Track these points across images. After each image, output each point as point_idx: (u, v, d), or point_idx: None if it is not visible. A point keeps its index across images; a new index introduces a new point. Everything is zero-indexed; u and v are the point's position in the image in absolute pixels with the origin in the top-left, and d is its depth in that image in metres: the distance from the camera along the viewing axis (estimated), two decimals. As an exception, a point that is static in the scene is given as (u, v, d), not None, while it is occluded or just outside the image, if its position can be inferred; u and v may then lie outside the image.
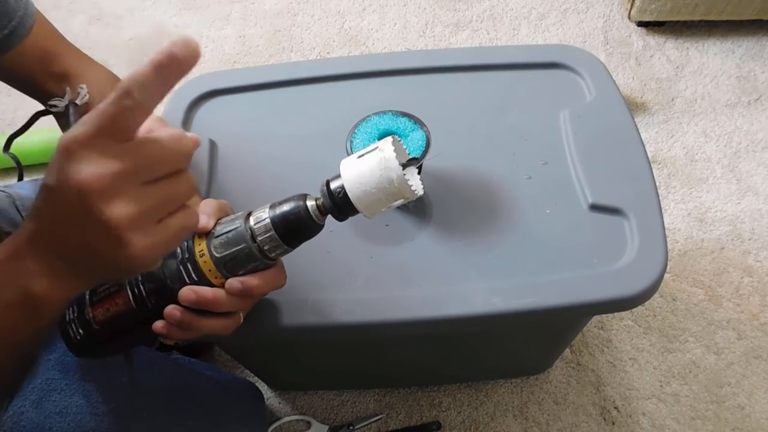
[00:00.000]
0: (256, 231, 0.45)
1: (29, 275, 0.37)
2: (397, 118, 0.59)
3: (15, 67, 0.57)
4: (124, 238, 0.35)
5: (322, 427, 0.90)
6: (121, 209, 0.35)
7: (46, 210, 0.36)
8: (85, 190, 0.34)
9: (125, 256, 0.36)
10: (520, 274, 0.56)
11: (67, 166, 0.34)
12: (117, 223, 0.35)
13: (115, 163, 0.34)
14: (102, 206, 0.34)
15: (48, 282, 0.38)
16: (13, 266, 0.37)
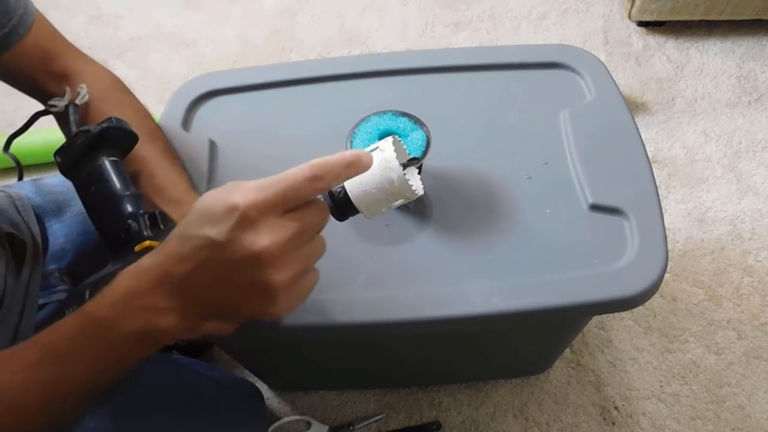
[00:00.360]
0: None
1: (158, 312, 0.39)
2: (397, 118, 0.59)
3: (14, 66, 0.57)
4: (277, 298, 0.39)
5: (322, 427, 0.90)
6: (282, 274, 0.38)
7: (196, 258, 0.38)
8: (260, 258, 0.37)
9: (269, 313, 0.40)
10: (520, 274, 0.56)
11: (245, 231, 0.36)
12: (277, 286, 0.38)
13: (287, 232, 0.37)
14: (270, 272, 0.37)
15: (174, 320, 0.40)
16: (143, 301, 0.39)
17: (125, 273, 0.40)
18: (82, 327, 0.40)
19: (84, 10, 1.53)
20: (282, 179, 0.37)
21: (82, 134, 0.51)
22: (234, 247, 0.37)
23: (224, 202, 0.37)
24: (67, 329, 0.40)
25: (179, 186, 0.57)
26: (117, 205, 0.51)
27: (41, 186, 0.66)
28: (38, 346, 0.40)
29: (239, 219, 0.36)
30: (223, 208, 0.37)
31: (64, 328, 0.40)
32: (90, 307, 0.40)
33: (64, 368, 0.40)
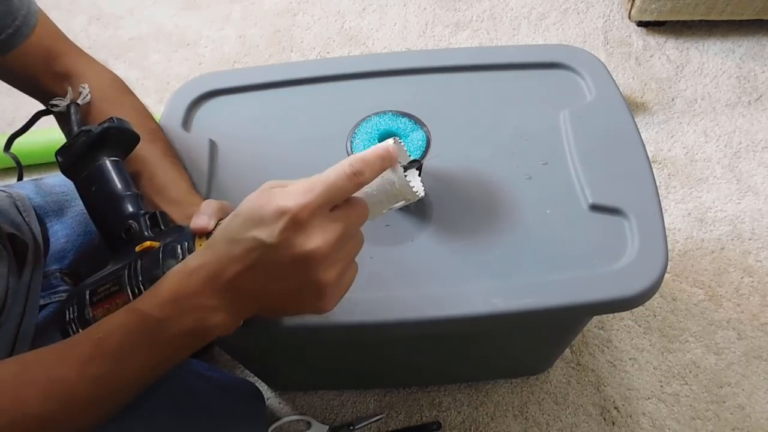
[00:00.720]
0: None
1: (208, 311, 0.41)
2: (397, 118, 0.59)
3: (17, 66, 0.57)
4: (325, 295, 0.40)
5: (322, 427, 0.90)
6: (331, 272, 0.40)
7: (246, 260, 0.39)
8: (310, 258, 0.38)
9: (317, 308, 0.41)
10: (520, 274, 0.56)
11: (296, 233, 0.38)
12: (326, 284, 0.40)
13: (335, 231, 0.39)
14: (320, 271, 0.39)
15: (223, 317, 0.41)
16: (192, 302, 0.41)
17: (173, 273, 0.42)
18: (133, 325, 0.41)
19: (84, 10, 1.53)
20: (325, 179, 0.39)
21: (84, 134, 0.51)
22: (285, 248, 0.38)
23: (274, 206, 0.38)
24: (119, 326, 0.42)
25: (180, 186, 0.57)
26: (118, 205, 0.51)
27: (42, 186, 0.66)
28: (91, 341, 0.41)
29: (290, 221, 0.38)
30: (273, 212, 0.38)
31: (115, 325, 0.42)
32: (141, 305, 0.42)
33: (116, 364, 0.41)
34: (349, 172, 0.39)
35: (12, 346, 0.54)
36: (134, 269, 0.47)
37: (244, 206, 0.40)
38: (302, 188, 0.39)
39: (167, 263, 0.46)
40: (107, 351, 0.41)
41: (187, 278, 0.41)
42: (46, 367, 0.41)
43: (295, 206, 0.38)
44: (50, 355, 0.42)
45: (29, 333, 0.56)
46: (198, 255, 0.42)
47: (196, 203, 0.54)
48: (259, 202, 0.39)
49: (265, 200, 0.39)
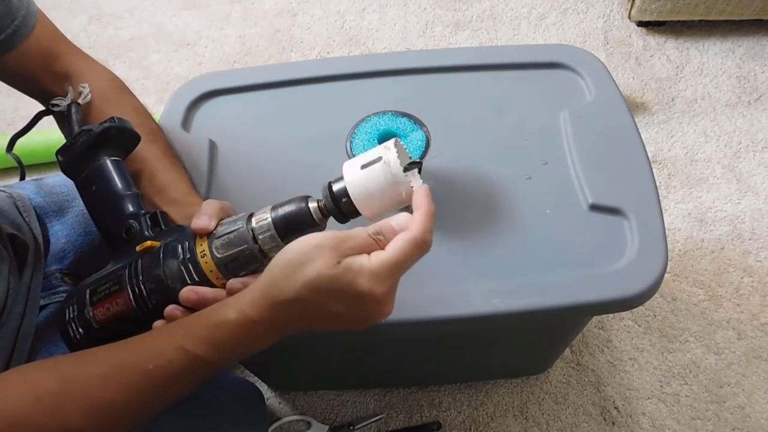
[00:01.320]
0: (257, 232, 0.45)
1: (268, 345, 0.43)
2: (396, 118, 0.59)
3: (17, 66, 0.57)
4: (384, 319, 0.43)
5: (322, 427, 0.90)
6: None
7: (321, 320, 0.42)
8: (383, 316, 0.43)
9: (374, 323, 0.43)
10: (520, 274, 0.56)
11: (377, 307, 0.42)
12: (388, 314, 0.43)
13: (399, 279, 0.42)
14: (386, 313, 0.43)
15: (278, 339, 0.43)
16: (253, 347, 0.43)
17: (233, 323, 0.42)
18: (187, 366, 0.42)
19: (84, 10, 1.53)
20: (402, 259, 0.41)
21: (84, 134, 0.51)
22: (364, 317, 0.42)
23: (360, 290, 0.40)
24: (170, 364, 0.42)
25: (180, 186, 0.57)
26: (118, 204, 0.51)
27: (43, 186, 0.66)
28: (137, 371, 0.42)
29: (375, 303, 0.41)
30: (359, 295, 0.41)
31: (165, 362, 0.42)
32: (195, 348, 0.42)
33: (163, 393, 0.43)
34: (423, 248, 0.42)
35: (12, 346, 0.54)
36: (135, 269, 0.47)
37: (324, 281, 0.41)
38: (385, 272, 0.41)
39: (168, 263, 0.46)
40: (155, 382, 0.42)
41: (249, 330, 0.42)
42: (89, 387, 0.42)
43: (381, 293, 0.41)
44: (93, 374, 0.42)
45: (29, 333, 0.56)
46: (257, 308, 0.42)
47: (196, 203, 0.54)
48: (341, 283, 0.40)
49: (349, 282, 0.40)
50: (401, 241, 0.41)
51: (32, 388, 0.42)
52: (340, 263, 0.40)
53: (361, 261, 0.41)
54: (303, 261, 0.41)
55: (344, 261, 0.40)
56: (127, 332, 0.48)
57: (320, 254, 0.40)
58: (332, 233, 0.42)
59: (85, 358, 0.44)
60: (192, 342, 0.42)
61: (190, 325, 0.43)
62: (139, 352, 0.43)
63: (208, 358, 0.42)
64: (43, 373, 0.43)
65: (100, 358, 0.43)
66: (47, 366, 0.44)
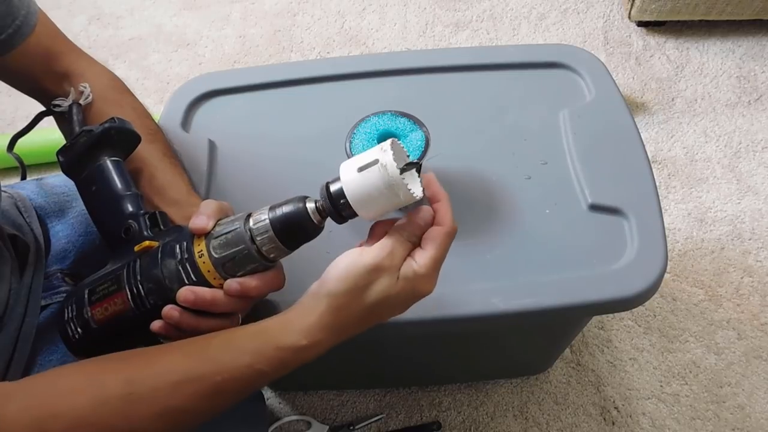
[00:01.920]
0: (255, 232, 0.44)
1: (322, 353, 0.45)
2: (396, 118, 0.59)
3: (17, 66, 0.57)
4: None
5: (322, 427, 0.90)
6: None
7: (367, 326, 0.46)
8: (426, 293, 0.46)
9: None
10: (520, 274, 0.56)
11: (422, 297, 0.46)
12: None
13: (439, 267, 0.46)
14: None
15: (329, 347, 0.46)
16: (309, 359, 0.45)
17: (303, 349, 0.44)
18: (254, 381, 0.44)
19: (84, 10, 1.53)
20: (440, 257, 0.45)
21: (85, 134, 0.51)
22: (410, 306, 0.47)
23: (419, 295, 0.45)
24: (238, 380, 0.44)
25: (179, 187, 0.57)
26: (117, 204, 0.51)
27: (43, 186, 0.66)
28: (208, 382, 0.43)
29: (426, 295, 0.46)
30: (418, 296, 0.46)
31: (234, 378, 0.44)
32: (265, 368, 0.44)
33: (226, 403, 0.45)
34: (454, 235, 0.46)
35: (14, 346, 0.54)
36: (133, 269, 0.47)
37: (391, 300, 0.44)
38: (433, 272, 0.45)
39: (166, 263, 0.46)
40: (223, 394, 0.44)
41: (316, 350, 0.45)
42: (160, 394, 0.42)
43: (433, 286, 0.45)
44: (163, 381, 0.43)
45: (31, 333, 0.56)
46: (332, 332, 0.45)
47: (195, 204, 0.54)
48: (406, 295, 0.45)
49: (409, 292, 0.45)
50: (438, 237, 0.45)
51: (98, 389, 0.42)
52: (399, 278, 0.44)
53: (412, 268, 0.44)
54: (365, 285, 0.44)
55: (400, 275, 0.44)
56: (126, 332, 0.48)
57: (381, 277, 0.44)
58: (379, 251, 0.44)
59: (153, 359, 0.44)
60: (263, 363, 0.44)
61: (262, 345, 0.44)
62: (209, 364, 0.44)
63: (272, 373, 0.44)
64: (109, 374, 0.43)
65: (168, 362, 0.44)
66: (113, 366, 0.44)
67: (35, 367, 0.55)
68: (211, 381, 0.43)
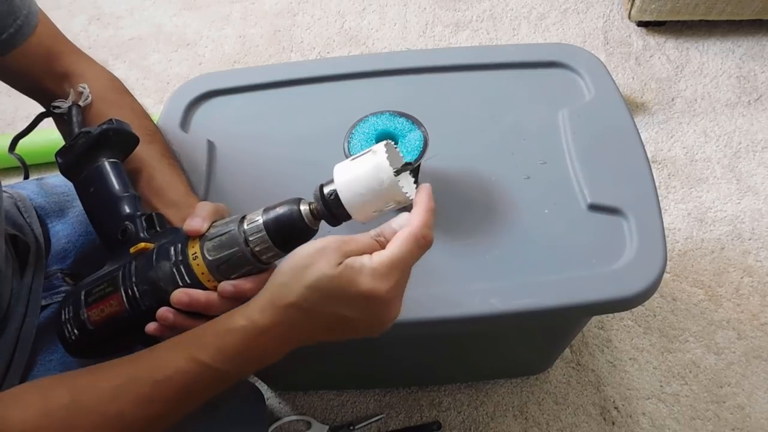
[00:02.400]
0: (248, 234, 0.44)
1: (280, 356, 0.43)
2: (394, 118, 0.59)
3: (17, 66, 0.57)
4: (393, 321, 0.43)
5: (322, 427, 0.90)
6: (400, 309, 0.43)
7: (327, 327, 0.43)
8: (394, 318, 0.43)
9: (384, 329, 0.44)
10: (519, 274, 0.56)
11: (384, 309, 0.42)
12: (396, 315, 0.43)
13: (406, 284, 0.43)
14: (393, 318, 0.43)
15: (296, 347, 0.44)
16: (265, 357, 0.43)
17: (240, 330, 0.42)
18: (196, 375, 0.42)
19: (84, 10, 1.53)
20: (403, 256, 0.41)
21: (83, 135, 0.51)
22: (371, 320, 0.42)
23: (362, 290, 0.40)
24: (180, 374, 0.42)
25: (178, 188, 0.57)
26: (115, 206, 0.51)
27: (44, 186, 0.66)
28: (148, 382, 0.42)
29: (380, 303, 0.41)
30: (362, 295, 0.40)
31: (175, 372, 0.42)
32: (204, 357, 0.42)
33: (175, 405, 0.43)
34: (422, 244, 0.42)
35: (14, 346, 0.54)
36: (128, 270, 0.47)
37: (324, 281, 0.41)
38: (385, 270, 0.40)
39: (160, 265, 0.46)
40: (167, 394, 0.42)
41: (256, 337, 0.42)
42: (101, 400, 0.42)
43: (384, 291, 0.40)
44: (105, 386, 0.42)
45: (31, 334, 0.56)
46: (265, 313, 0.42)
47: (193, 205, 0.54)
48: (341, 282, 0.40)
49: (350, 281, 0.40)
50: (400, 238, 0.41)
51: (44, 400, 0.41)
52: (342, 263, 0.40)
53: (362, 261, 0.41)
54: (306, 264, 0.41)
55: (346, 261, 0.41)
56: (121, 334, 0.48)
57: (323, 256, 0.41)
58: (336, 237, 0.42)
59: (98, 370, 0.44)
60: (201, 350, 0.42)
61: (199, 334, 0.43)
62: (149, 363, 0.43)
63: (218, 366, 0.42)
64: (56, 386, 0.43)
65: (111, 370, 0.43)
66: (61, 379, 0.44)
67: (35, 366, 0.55)
68: (150, 380, 0.42)
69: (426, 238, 0.42)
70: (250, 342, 0.42)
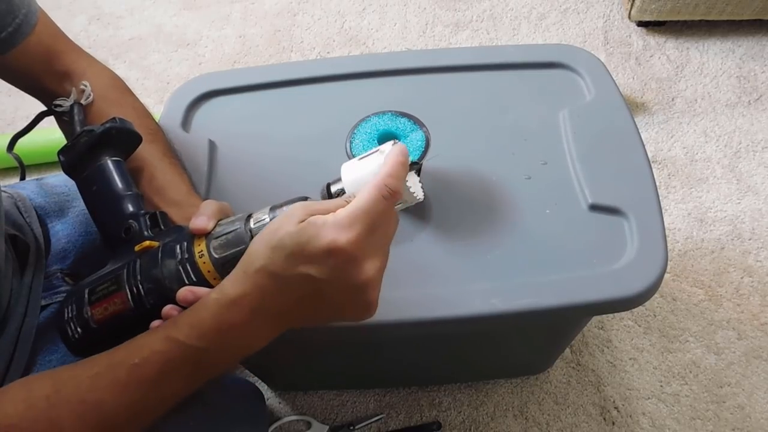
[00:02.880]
0: (255, 233, 0.45)
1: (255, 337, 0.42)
2: (396, 118, 0.59)
3: (17, 65, 0.57)
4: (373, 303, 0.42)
5: (322, 427, 0.90)
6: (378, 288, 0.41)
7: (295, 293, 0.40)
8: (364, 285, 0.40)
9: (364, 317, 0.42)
10: (520, 274, 0.56)
11: (350, 267, 0.39)
12: (375, 299, 0.41)
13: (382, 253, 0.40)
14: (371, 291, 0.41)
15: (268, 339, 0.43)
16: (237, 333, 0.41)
17: (211, 302, 0.41)
18: (172, 354, 0.41)
19: (84, 10, 1.53)
20: (366, 207, 0.39)
21: (86, 134, 0.52)
22: (339, 281, 0.39)
23: (323, 243, 0.38)
24: (156, 353, 0.41)
25: (180, 187, 0.57)
26: (118, 204, 0.51)
27: (43, 186, 0.66)
28: (125, 366, 0.41)
29: (341, 258, 0.38)
30: (323, 249, 0.38)
31: (151, 353, 0.41)
32: (178, 335, 0.41)
33: (153, 389, 0.42)
34: (385, 193, 0.39)
35: (14, 346, 0.54)
36: (133, 269, 0.47)
37: (286, 239, 0.39)
38: (346, 221, 0.38)
39: (166, 263, 0.46)
40: (144, 377, 0.41)
41: (228, 309, 0.41)
42: (80, 389, 0.41)
43: (345, 242, 0.38)
44: (84, 376, 0.42)
45: (31, 334, 0.56)
46: (236, 283, 0.41)
47: (195, 204, 0.55)
48: (302, 238, 0.39)
49: (311, 236, 0.39)
50: (363, 190, 0.40)
51: (27, 393, 0.41)
52: (304, 221, 0.39)
53: (325, 217, 0.39)
54: (274, 228, 0.40)
55: (309, 218, 0.39)
56: (125, 332, 0.48)
57: (288, 218, 0.40)
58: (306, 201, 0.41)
59: (81, 362, 0.44)
60: (175, 329, 0.41)
61: (176, 316, 0.43)
62: (126, 349, 0.42)
63: (192, 343, 0.41)
64: (39, 379, 0.43)
65: (92, 360, 0.43)
66: (45, 373, 0.44)
67: (35, 366, 0.55)
68: (127, 365, 0.41)
69: (389, 188, 0.39)
70: (222, 315, 0.41)
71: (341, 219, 0.39)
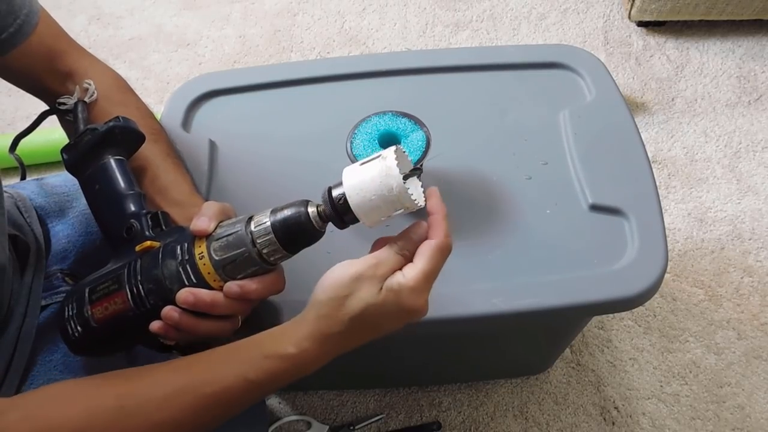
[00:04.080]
0: (256, 235, 0.44)
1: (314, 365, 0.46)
2: (397, 118, 0.59)
3: (19, 65, 0.57)
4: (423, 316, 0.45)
5: (323, 427, 0.90)
6: None
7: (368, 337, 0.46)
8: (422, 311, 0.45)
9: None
10: (521, 274, 0.56)
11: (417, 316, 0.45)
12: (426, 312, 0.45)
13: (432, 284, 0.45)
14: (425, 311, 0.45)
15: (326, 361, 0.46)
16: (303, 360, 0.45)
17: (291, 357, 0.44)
18: (242, 389, 0.44)
19: (84, 10, 1.53)
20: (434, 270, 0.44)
21: (89, 132, 0.51)
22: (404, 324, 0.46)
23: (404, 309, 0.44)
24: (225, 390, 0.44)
25: (182, 188, 0.57)
26: (120, 203, 0.51)
27: (44, 186, 0.66)
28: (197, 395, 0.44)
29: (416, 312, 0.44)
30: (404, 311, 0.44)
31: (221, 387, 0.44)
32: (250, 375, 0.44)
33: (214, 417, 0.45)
34: (446, 252, 0.45)
35: (14, 347, 0.54)
36: (134, 268, 0.47)
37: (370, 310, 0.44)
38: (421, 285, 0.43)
39: (166, 263, 0.46)
40: (216, 406, 0.44)
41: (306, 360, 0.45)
42: (149, 408, 0.43)
43: (424, 302, 0.44)
44: (152, 395, 0.43)
45: (31, 334, 0.56)
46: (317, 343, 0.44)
47: (197, 204, 0.54)
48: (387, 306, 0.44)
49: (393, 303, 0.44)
50: (428, 251, 0.44)
51: (92, 400, 0.43)
52: (382, 289, 0.43)
53: (398, 280, 0.43)
54: (346, 294, 0.43)
55: (384, 285, 0.43)
56: (125, 332, 0.48)
57: (362, 286, 0.43)
58: (364, 261, 0.44)
59: (146, 376, 0.45)
60: (252, 372, 0.44)
61: (250, 355, 0.45)
62: (198, 376, 0.44)
63: (262, 384, 0.44)
64: (101, 388, 0.44)
65: (160, 377, 0.45)
66: (103, 382, 0.45)
67: (35, 367, 0.55)
68: (201, 392, 0.43)
69: (449, 246, 0.45)
70: (299, 367, 0.45)
71: (416, 285, 0.43)
